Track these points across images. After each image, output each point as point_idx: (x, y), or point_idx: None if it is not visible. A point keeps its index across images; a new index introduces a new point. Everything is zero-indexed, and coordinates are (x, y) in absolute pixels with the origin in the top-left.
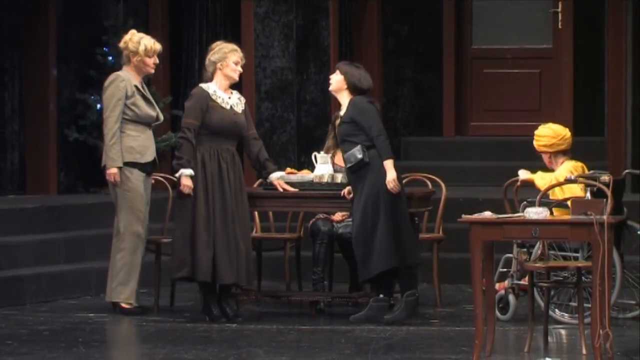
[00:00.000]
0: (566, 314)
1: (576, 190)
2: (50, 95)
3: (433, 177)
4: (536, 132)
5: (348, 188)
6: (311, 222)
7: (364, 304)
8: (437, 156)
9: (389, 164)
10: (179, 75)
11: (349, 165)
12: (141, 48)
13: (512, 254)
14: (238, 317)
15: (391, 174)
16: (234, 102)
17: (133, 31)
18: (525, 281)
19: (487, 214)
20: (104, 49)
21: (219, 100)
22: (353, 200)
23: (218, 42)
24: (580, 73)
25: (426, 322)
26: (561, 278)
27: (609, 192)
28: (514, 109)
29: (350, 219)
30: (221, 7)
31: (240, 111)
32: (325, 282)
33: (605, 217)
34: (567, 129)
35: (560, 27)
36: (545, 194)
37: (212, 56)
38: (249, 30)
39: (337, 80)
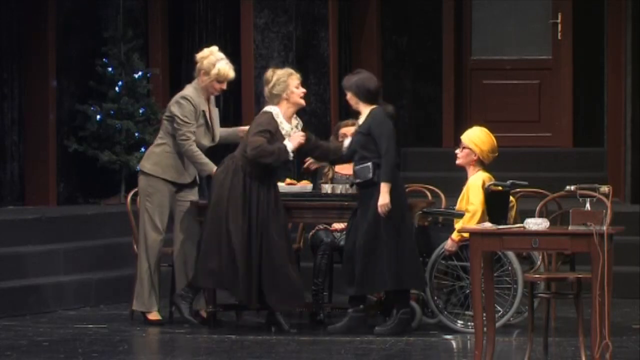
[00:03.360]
0: (459, 321)
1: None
2: (49, 106)
3: (432, 188)
4: (478, 129)
5: (310, 162)
6: (312, 233)
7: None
8: (437, 167)
9: (384, 187)
10: (178, 86)
11: (357, 181)
12: (214, 72)
13: None
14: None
15: (384, 199)
16: (289, 131)
17: (213, 49)
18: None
19: (487, 225)
20: (104, 59)
21: (283, 132)
22: (356, 212)
23: (270, 72)
24: (579, 84)
25: (425, 333)
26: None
27: (608, 203)
28: (514, 120)
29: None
30: (221, 18)
31: None
32: (325, 293)
33: (604, 227)
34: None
35: (559, 38)
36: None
37: (273, 89)
38: (249, 41)
39: (349, 99)
